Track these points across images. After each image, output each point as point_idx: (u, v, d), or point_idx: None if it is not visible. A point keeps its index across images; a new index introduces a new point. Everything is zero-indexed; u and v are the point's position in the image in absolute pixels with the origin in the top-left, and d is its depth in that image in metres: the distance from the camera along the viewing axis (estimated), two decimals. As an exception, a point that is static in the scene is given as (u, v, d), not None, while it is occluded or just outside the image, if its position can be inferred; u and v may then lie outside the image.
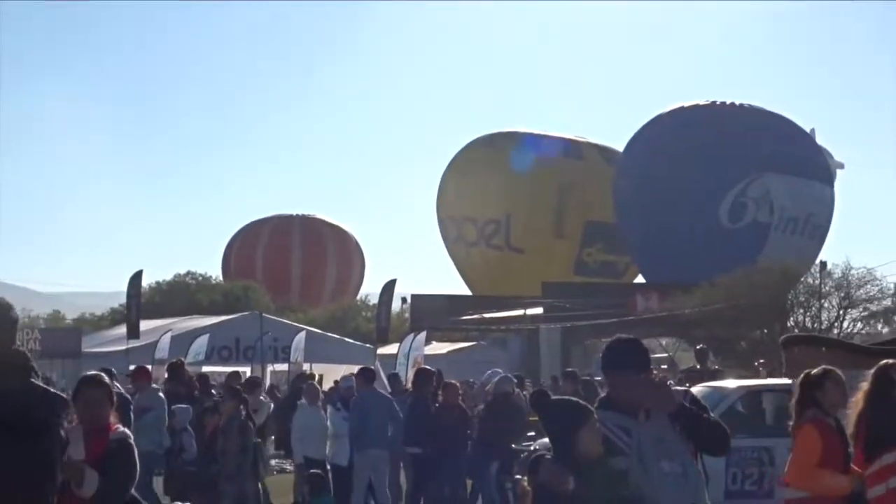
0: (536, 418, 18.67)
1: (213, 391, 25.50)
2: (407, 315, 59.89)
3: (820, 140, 57.31)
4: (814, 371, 10.77)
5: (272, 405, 27.15)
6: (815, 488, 10.12)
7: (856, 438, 10.19)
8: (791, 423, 10.70)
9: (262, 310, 49.19)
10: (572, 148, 65.71)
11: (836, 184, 58.59)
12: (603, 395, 8.38)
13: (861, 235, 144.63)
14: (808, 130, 56.18)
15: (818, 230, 55.78)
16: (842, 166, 60.93)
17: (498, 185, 62.35)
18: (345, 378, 23.83)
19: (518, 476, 20.07)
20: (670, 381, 16.68)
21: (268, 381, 42.59)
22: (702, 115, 55.10)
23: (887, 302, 68.49)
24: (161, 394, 21.72)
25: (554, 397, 8.53)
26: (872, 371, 10.59)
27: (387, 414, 19.92)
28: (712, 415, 8.35)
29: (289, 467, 25.13)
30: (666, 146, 52.59)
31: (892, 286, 73.18)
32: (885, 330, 68.08)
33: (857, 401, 10.18)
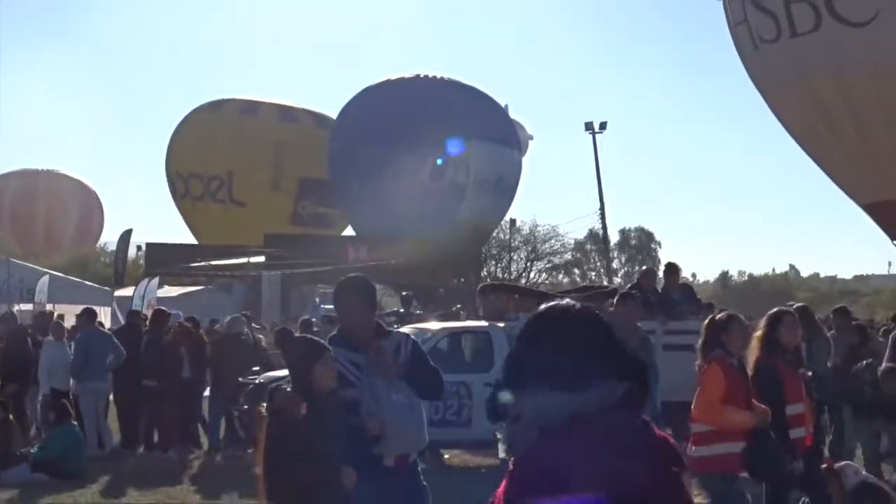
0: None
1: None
2: (142, 261, 59.21)
3: (513, 115, 58.54)
4: (719, 315, 10.83)
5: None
6: (720, 423, 10.08)
7: (753, 381, 10.20)
8: (697, 362, 10.55)
9: (8, 255, 47.91)
10: (287, 113, 65.80)
11: (528, 153, 60.06)
12: (335, 332, 8.56)
13: (547, 197, 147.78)
14: (502, 105, 57.32)
15: (508, 191, 56.87)
16: (531, 138, 62.45)
17: (221, 145, 61.90)
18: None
19: (245, 406, 20.29)
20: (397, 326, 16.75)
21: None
22: (407, 87, 55.58)
23: (568, 255, 70.63)
24: None
25: (295, 335, 8.67)
26: (766, 316, 10.74)
27: (108, 348, 19.94)
28: (431, 362, 8.57)
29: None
30: (375, 113, 52.93)
31: (572, 242, 75.66)
32: (566, 280, 70.37)
33: (753, 347, 10.31)
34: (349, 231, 59.25)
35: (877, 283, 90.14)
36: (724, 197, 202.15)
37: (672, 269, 22.14)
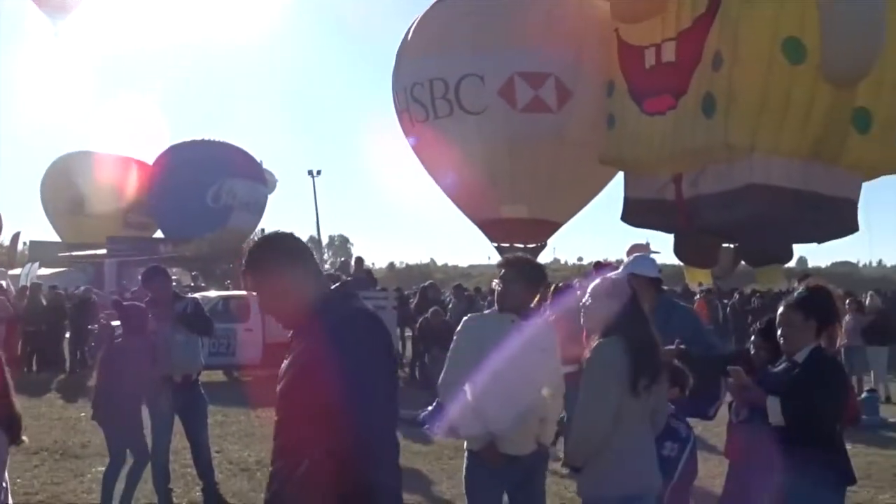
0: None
1: None
2: (27, 252, 56.17)
3: (265, 166, 57.43)
4: (560, 283, 10.10)
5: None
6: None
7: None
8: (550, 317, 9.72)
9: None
10: (124, 160, 63.41)
11: (276, 189, 59.18)
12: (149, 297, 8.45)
13: (286, 216, 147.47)
14: (258, 160, 56.55)
15: (260, 211, 55.76)
16: (277, 180, 61.16)
17: (81, 179, 58.31)
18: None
19: (93, 343, 19.45)
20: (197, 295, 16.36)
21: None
22: (199, 146, 53.62)
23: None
24: None
25: (125, 302, 8.45)
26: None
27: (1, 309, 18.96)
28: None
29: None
30: (179, 161, 50.72)
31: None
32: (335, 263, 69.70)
33: None
34: (159, 234, 57.00)
35: (481, 269, 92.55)
36: (391, 212, 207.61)
37: (359, 260, 22.48)
